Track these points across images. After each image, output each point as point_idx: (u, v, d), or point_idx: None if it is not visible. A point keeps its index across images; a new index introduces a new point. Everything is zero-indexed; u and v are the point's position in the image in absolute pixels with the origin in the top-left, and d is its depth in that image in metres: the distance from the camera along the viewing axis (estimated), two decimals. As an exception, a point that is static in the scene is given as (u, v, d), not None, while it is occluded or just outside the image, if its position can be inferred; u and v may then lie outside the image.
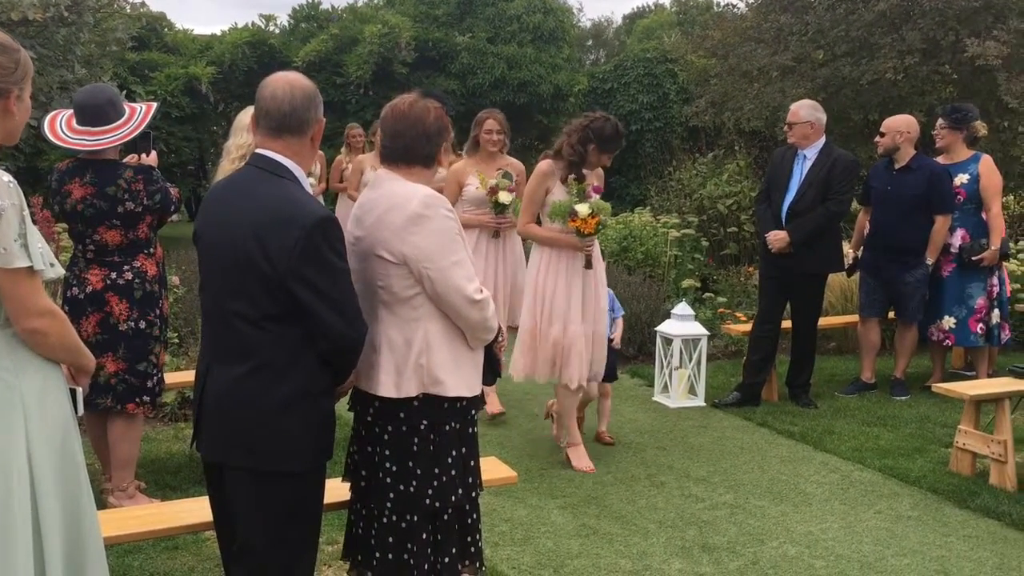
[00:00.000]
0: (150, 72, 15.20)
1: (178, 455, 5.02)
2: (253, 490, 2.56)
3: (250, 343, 2.50)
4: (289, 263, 2.42)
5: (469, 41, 16.43)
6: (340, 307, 2.49)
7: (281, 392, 2.49)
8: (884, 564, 3.92)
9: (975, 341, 6.34)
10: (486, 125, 5.85)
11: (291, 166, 2.57)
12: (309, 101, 2.57)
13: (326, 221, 2.46)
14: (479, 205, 5.81)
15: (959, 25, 9.76)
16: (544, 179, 4.89)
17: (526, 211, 4.95)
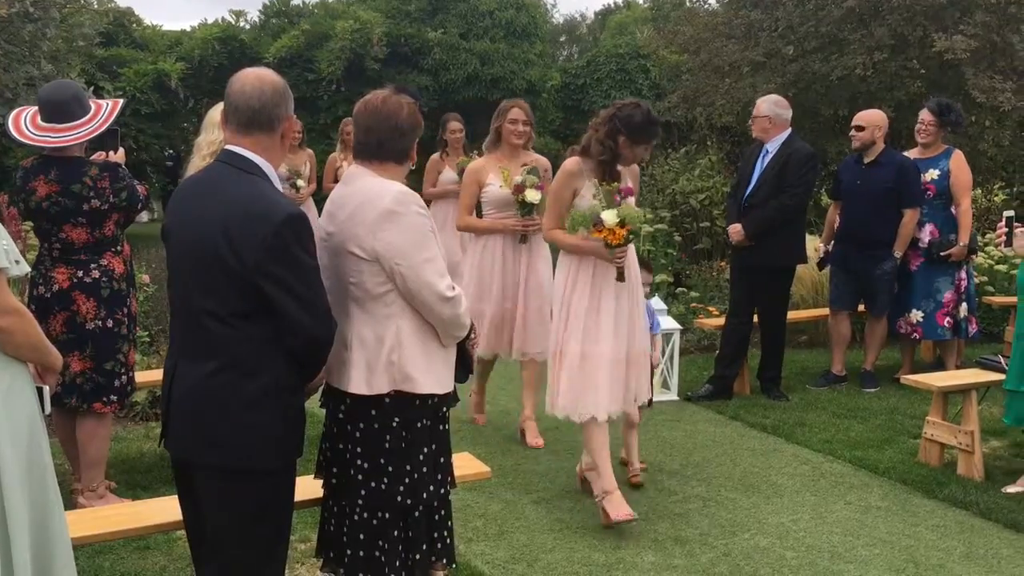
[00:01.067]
0: (119, 68, 15.05)
1: (149, 454, 4.98)
2: (221, 488, 2.54)
3: (218, 340, 2.48)
4: (258, 259, 2.40)
5: (441, 37, 16.39)
6: (309, 304, 2.47)
7: (249, 389, 2.47)
8: (854, 554, 3.96)
9: (942, 334, 6.41)
10: (510, 115, 5.25)
11: (261, 163, 2.55)
12: (279, 97, 2.55)
13: (295, 218, 2.44)
14: (502, 207, 5.24)
15: (927, 21, 9.86)
16: (571, 179, 4.22)
17: (551, 215, 4.33)
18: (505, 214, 5.24)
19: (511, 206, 5.21)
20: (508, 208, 5.22)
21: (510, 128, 5.24)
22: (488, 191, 5.25)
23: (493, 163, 5.29)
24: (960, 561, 3.91)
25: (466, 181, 5.33)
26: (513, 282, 5.27)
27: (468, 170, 5.37)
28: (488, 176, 5.25)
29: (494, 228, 5.26)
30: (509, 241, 5.27)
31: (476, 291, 5.24)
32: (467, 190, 5.30)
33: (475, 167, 5.35)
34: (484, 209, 5.32)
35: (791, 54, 10.80)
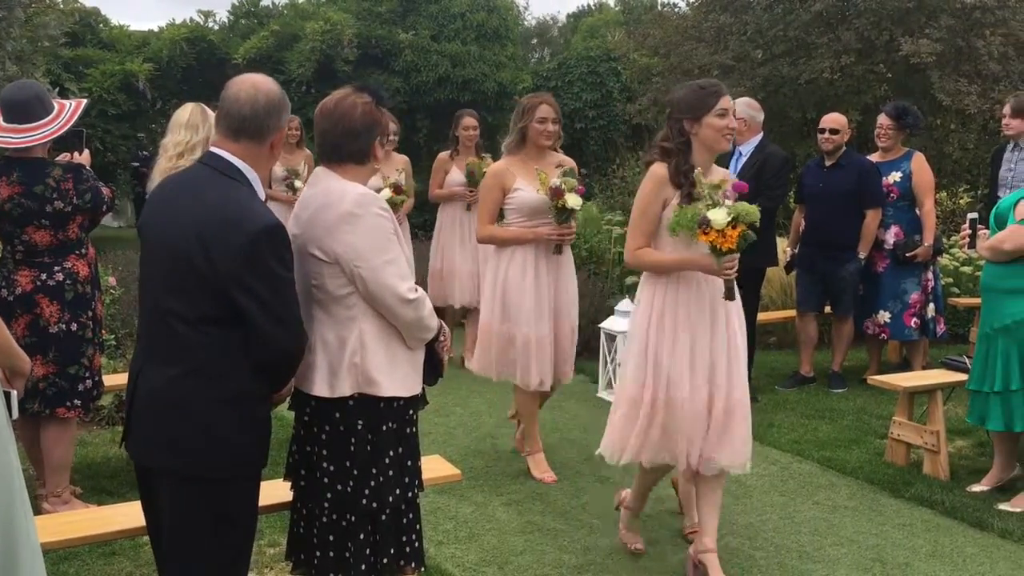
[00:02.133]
0: (85, 69, 14.85)
1: (115, 459, 4.92)
2: (180, 494, 2.50)
3: (185, 344, 2.45)
4: (231, 268, 2.37)
5: (412, 39, 16.34)
6: (281, 317, 2.44)
7: (214, 396, 2.44)
8: (822, 554, 3.99)
9: (909, 335, 6.49)
10: (539, 112, 4.62)
11: (245, 169, 2.52)
12: (272, 107, 2.52)
13: (273, 228, 2.41)
14: (534, 214, 4.63)
15: (893, 25, 9.99)
16: (661, 187, 3.54)
17: (638, 232, 3.60)
18: (536, 222, 4.64)
19: (544, 213, 4.62)
20: (540, 216, 4.62)
21: (538, 128, 4.63)
22: (517, 196, 4.63)
23: (518, 166, 4.69)
24: (926, 559, 3.95)
25: (487, 186, 4.73)
26: (548, 299, 4.67)
27: (490, 174, 4.77)
28: (514, 180, 4.65)
29: (523, 238, 4.63)
30: (542, 252, 4.66)
31: (502, 311, 4.68)
32: (489, 196, 4.69)
33: (498, 170, 4.73)
34: (509, 217, 4.73)
35: (760, 58, 10.91)
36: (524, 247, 4.64)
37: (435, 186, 7.27)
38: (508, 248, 4.70)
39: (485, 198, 4.73)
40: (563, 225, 4.63)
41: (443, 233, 7.25)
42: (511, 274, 4.65)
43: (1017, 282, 4.25)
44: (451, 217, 7.20)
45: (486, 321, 4.78)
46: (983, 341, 4.45)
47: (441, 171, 7.23)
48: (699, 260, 3.51)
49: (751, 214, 3.38)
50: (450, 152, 7.20)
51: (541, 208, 4.61)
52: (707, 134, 3.53)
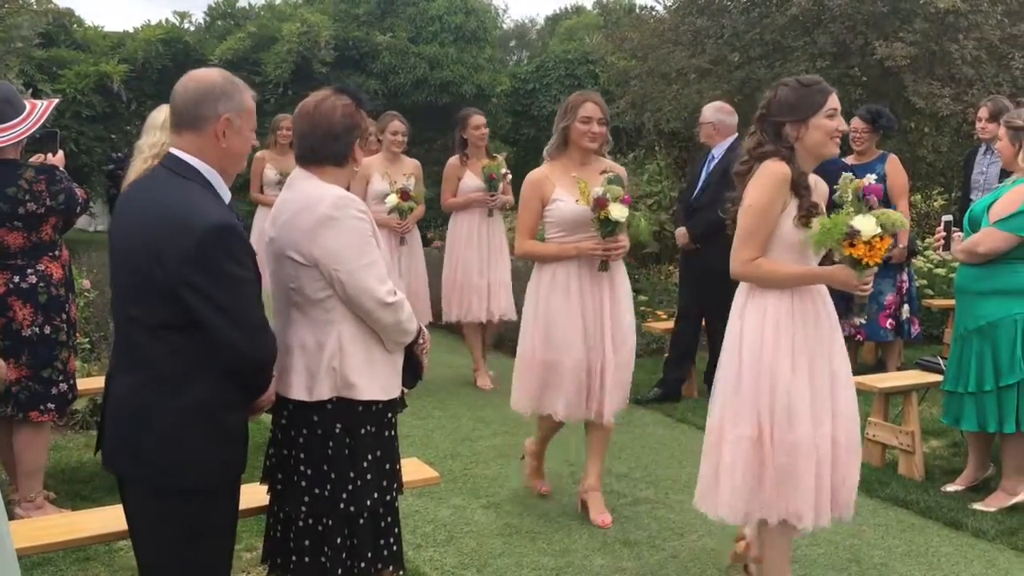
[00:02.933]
0: (58, 70, 14.72)
1: (89, 464, 4.87)
2: (149, 507, 2.45)
3: (147, 351, 2.39)
4: (181, 271, 2.30)
5: (390, 41, 16.31)
6: (236, 320, 2.36)
7: (178, 404, 2.37)
8: (798, 554, 4.01)
9: (885, 336, 6.54)
10: (583, 111, 4.13)
11: (199, 166, 2.46)
12: (204, 95, 2.44)
13: (223, 227, 2.34)
14: (575, 227, 4.16)
15: (868, 29, 10.07)
16: (783, 190, 3.11)
17: (753, 241, 3.14)
18: (577, 236, 4.17)
19: (586, 226, 4.13)
20: (582, 229, 4.15)
21: (582, 129, 4.13)
22: (556, 208, 4.16)
23: (559, 172, 4.19)
24: (902, 559, 3.98)
25: (525, 197, 4.24)
26: (596, 323, 4.17)
27: (528, 183, 4.23)
28: (554, 189, 4.16)
29: (565, 254, 4.17)
30: (586, 270, 4.17)
31: (545, 335, 4.20)
32: (527, 208, 4.22)
33: (536, 179, 4.21)
34: (549, 231, 4.28)
35: (737, 61, 10.97)
36: (566, 264, 4.15)
37: (448, 194, 6.70)
38: (549, 266, 4.21)
39: (523, 210, 4.25)
40: (608, 239, 4.10)
41: (458, 243, 6.70)
42: (553, 295, 4.17)
43: (991, 284, 4.30)
44: (466, 226, 6.66)
45: (526, 350, 4.28)
46: (957, 342, 4.49)
47: (454, 178, 6.66)
48: (835, 273, 3.10)
49: (898, 222, 2.99)
50: (460, 156, 6.65)
51: (583, 221, 4.10)
52: (815, 138, 3.15)
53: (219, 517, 2.54)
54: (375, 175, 6.35)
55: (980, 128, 6.24)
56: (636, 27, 12.66)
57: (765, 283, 3.17)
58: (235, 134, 2.48)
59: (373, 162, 6.37)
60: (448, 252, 6.78)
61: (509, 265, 6.79)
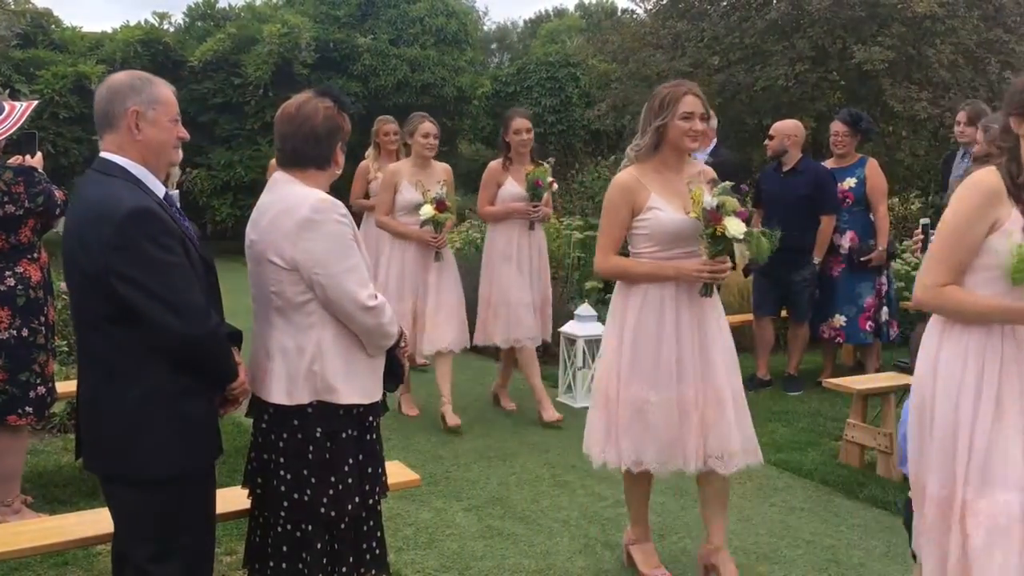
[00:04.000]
0: (36, 70, 14.59)
1: (67, 467, 4.83)
2: (122, 498, 2.52)
3: (96, 348, 2.47)
4: (106, 260, 2.36)
5: (371, 43, 16.30)
6: (169, 302, 2.39)
7: (130, 396, 2.44)
8: (778, 555, 4.03)
9: (864, 338, 6.59)
10: (683, 106, 3.42)
11: (124, 163, 2.51)
12: (114, 93, 2.52)
13: (139, 212, 2.39)
14: (672, 241, 3.49)
15: (846, 33, 10.16)
16: (992, 202, 2.60)
17: (946, 263, 2.65)
18: (673, 252, 3.48)
19: (685, 241, 3.48)
20: (679, 244, 3.47)
21: (683, 127, 3.43)
22: (654, 219, 3.45)
23: (652, 176, 3.49)
24: (880, 559, 4.01)
25: (613, 203, 3.53)
26: (693, 355, 3.50)
27: (618, 188, 3.52)
28: (648, 197, 3.46)
29: (662, 273, 3.47)
30: (684, 295, 3.49)
31: (630, 369, 3.51)
32: (614, 217, 3.52)
33: (628, 184, 3.50)
34: (638, 245, 3.56)
35: (717, 64, 11.04)
36: (662, 286, 3.48)
37: (486, 202, 5.91)
38: (640, 287, 3.53)
39: (608, 223, 3.57)
40: (717, 259, 3.47)
41: (496, 257, 5.94)
42: (643, 320, 3.49)
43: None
44: (506, 238, 5.88)
45: (607, 383, 3.60)
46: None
47: (493, 184, 5.90)
48: None
49: None
50: (502, 160, 5.90)
51: (684, 235, 3.47)
52: None
53: (193, 506, 2.58)
54: (404, 183, 5.68)
55: (959, 132, 6.30)
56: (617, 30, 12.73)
57: (956, 316, 2.68)
58: (149, 125, 2.53)
59: (401, 168, 5.77)
60: (485, 266, 6.04)
61: (550, 286, 6.19)
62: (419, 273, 5.77)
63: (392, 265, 5.78)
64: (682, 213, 3.45)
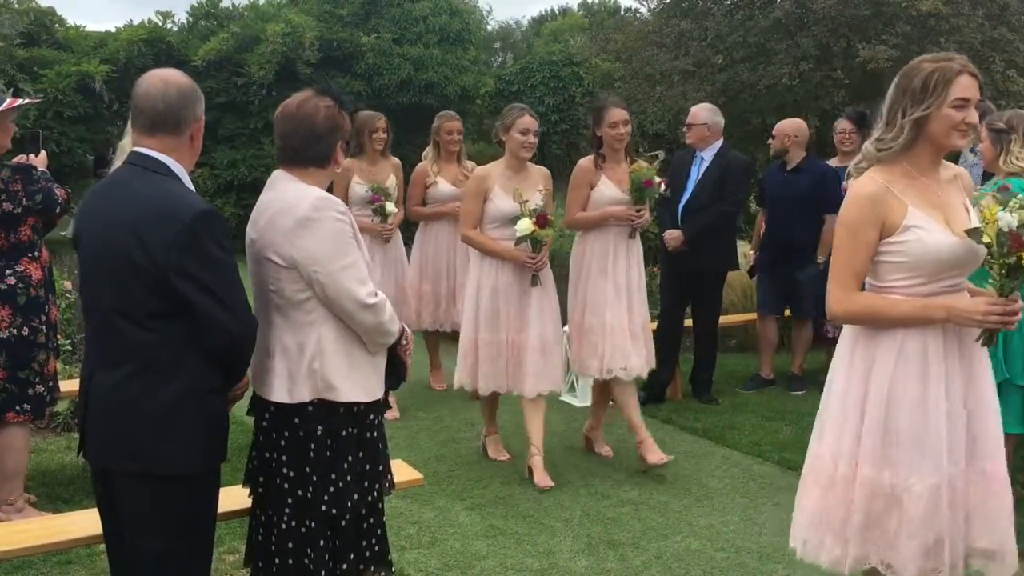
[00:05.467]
0: (40, 69, 14.61)
1: (70, 466, 4.84)
2: (140, 496, 2.49)
3: (133, 343, 2.45)
4: (170, 258, 2.38)
5: (374, 42, 16.29)
6: (225, 301, 2.44)
7: (166, 392, 2.44)
8: (781, 554, 4.02)
9: (867, 336, 6.57)
10: (958, 88, 2.66)
11: (170, 163, 2.52)
12: (185, 99, 2.52)
13: (207, 214, 2.43)
14: (943, 270, 2.68)
15: (850, 32, 10.14)
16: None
17: None
18: (939, 285, 2.69)
19: (962, 271, 2.73)
20: (951, 275, 2.70)
21: (953, 118, 2.66)
22: (915, 241, 2.63)
23: (903, 185, 2.69)
24: (884, 559, 3.99)
25: (854, 225, 2.68)
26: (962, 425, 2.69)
27: (858, 201, 2.69)
28: (906, 212, 2.65)
29: (930, 316, 2.65)
30: (955, 344, 2.70)
31: (882, 439, 2.68)
32: (856, 243, 2.68)
33: (872, 195, 2.65)
34: (887, 277, 2.71)
35: (720, 63, 11.01)
36: (924, 332, 2.67)
37: (576, 206, 5.09)
38: (893, 334, 2.69)
39: (850, 243, 2.71)
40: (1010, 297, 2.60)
41: (591, 272, 5.08)
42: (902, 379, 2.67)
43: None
44: (602, 248, 5.06)
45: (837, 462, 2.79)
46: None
47: (585, 185, 5.08)
48: None
49: None
50: (593, 158, 5.12)
51: (959, 262, 2.68)
52: None
53: (205, 503, 2.59)
54: (496, 190, 4.78)
55: None
56: (620, 29, 12.69)
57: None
58: (200, 134, 2.61)
59: (491, 172, 4.86)
60: (573, 285, 5.20)
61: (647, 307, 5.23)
62: (516, 300, 4.80)
63: (483, 290, 4.83)
64: (949, 232, 2.63)
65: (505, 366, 4.83)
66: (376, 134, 6.06)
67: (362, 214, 5.81)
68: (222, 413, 2.59)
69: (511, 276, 4.78)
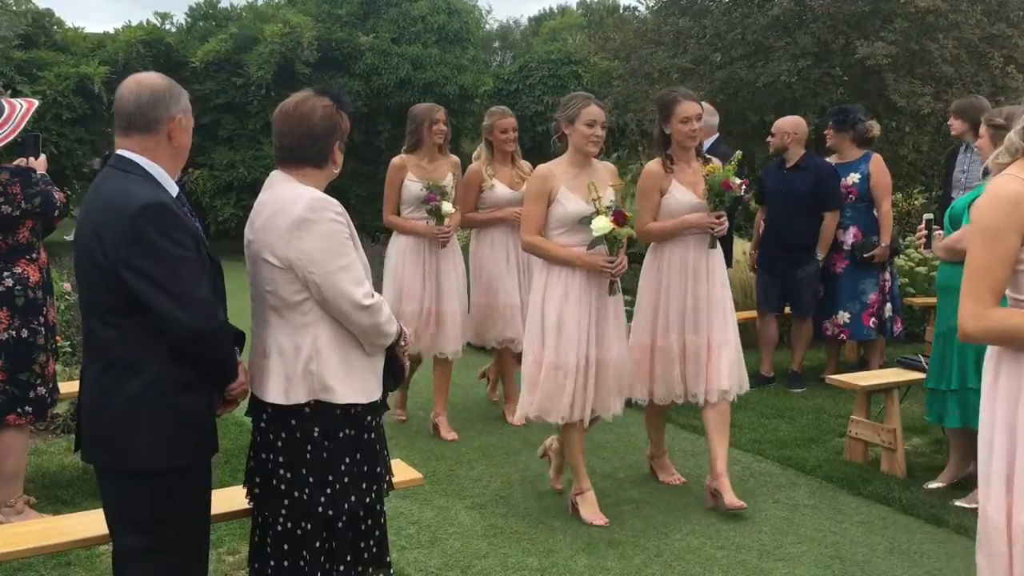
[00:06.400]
0: (38, 71, 14.62)
1: (70, 468, 4.84)
2: (116, 492, 2.54)
3: (101, 339, 2.50)
4: (119, 252, 2.40)
5: (373, 41, 16.29)
6: (176, 295, 2.42)
7: (131, 389, 2.46)
8: (782, 552, 4.02)
9: (868, 334, 6.57)
10: None
11: (143, 162, 2.54)
12: (156, 98, 2.54)
13: (151, 206, 2.43)
14: None
15: (849, 28, 10.13)
16: None
17: None
18: None
19: None
20: None
21: None
22: None
23: None
24: (884, 556, 3.99)
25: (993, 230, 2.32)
26: None
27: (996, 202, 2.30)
28: None
29: None
30: None
31: None
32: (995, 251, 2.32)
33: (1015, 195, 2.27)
34: None
35: (718, 61, 11.01)
36: None
37: (648, 215, 4.46)
38: None
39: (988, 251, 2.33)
40: None
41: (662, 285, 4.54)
42: None
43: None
44: (681, 260, 4.48)
45: None
46: (940, 340, 4.51)
47: (655, 192, 4.48)
48: None
49: None
50: (662, 160, 4.49)
51: None
52: None
53: (185, 503, 2.58)
54: (562, 190, 4.19)
55: (949, 125, 6.29)
56: (619, 27, 12.70)
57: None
58: (183, 132, 2.61)
59: (554, 171, 4.26)
60: (640, 305, 4.68)
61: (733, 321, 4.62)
62: (593, 312, 4.19)
63: (550, 303, 4.19)
64: None
65: (583, 389, 4.18)
66: (436, 126, 5.49)
67: (416, 216, 5.49)
68: (196, 410, 2.56)
69: (585, 282, 4.16)
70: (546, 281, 4.23)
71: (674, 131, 4.42)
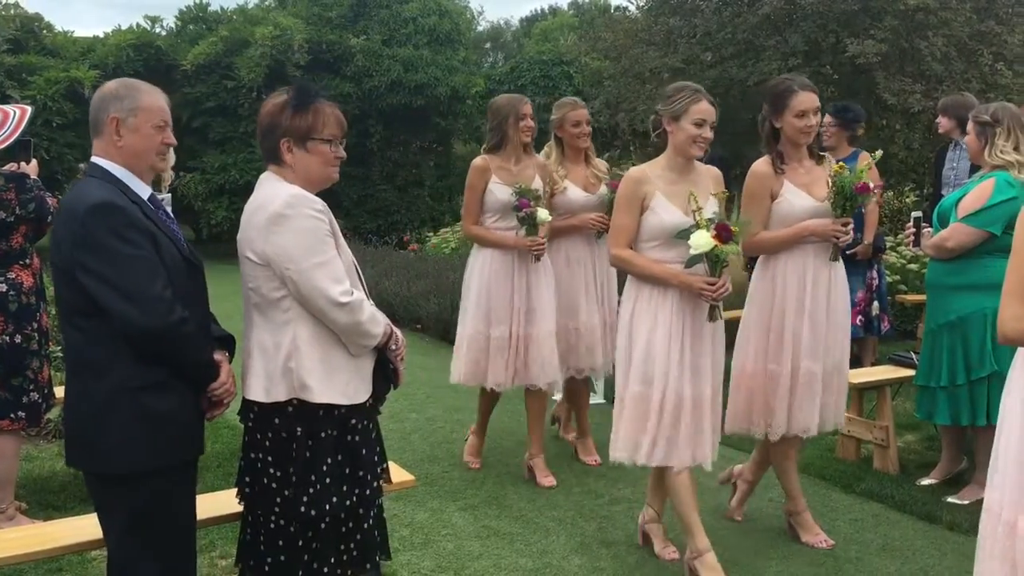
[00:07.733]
0: (28, 76, 14.58)
1: (61, 473, 4.82)
2: (98, 494, 2.57)
3: (72, 343, 2.53)
4: (72, 254, 2.44)
5: (364, 43, 16.28)
6: (129, 294, 2.42)
7: (98, 391, 2.47)
8: (776, 550, 4.03)
9: (856, 332, 6.56)
10: None
11: (104, 164, 2.58)
12: (102, 100, 2.60)
13: (99, 206, 2.44)
14: None
15: (839, 27, 10.17)
16: None
17: None
18: None
19: None
20: None
21: None
22: None
23: None
24: (877, 554, 4.00)
25: None
26: None
27: None
28: None
29: None
30: None
31: None
32: None
33: None
34: None
35: (709, 60, 11.05)
36: None
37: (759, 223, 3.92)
38: None
39: None
40: None
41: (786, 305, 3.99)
42: None
43: (961, 278, 4.33)
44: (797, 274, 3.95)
45: None
46: (929, 337, 4.53)
47: (766, 195, 3.95)
48: None
49: None
50: (771, 160, 3.97)
51: None
52: None
53: (164, 505, 2.57)
54: (658, 197, 3.62)
55: (937, 122, 6.31)
56: (610, 28, 12.73)
57: None
58: (130, 132, 2.58)
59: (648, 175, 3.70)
60: (746, 325, 4.16)
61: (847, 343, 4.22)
62: (688, 340, 3.65)
63: (640, 328, 3.64)
64: None
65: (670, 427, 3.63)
66: (524, 121, 4.70)
67: (501, 225, 4.70)
68: (166, 410, 2.53)
69: (679, 304, 3.59)
70: (635, 300, 3.67)
71: (787, 125, 3.84)
